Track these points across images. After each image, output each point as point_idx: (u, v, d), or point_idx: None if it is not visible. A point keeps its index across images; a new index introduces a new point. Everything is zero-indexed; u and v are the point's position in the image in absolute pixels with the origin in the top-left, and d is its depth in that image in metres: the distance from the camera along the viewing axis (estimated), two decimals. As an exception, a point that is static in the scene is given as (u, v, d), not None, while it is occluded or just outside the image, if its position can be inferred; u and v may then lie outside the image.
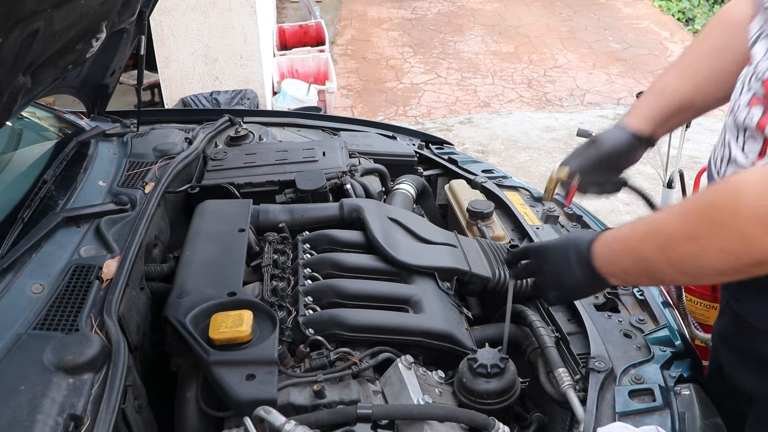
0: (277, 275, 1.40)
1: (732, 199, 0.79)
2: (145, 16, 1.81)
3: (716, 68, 1.17)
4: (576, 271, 1.05)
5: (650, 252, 0.92)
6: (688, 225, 0.85)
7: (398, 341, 1.29)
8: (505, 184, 2.00)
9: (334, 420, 1.06)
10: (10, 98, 1.07)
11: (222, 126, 2.24)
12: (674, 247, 0.88)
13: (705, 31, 1.23)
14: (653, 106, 1.24)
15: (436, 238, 1.58)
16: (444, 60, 6.60)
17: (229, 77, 5.00)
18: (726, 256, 0.82)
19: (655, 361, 1.24)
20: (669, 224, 0.89)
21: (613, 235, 1.01)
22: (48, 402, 0.98)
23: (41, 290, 1.22)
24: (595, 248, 1.03)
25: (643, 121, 1.24)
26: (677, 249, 0.87)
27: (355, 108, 5.64)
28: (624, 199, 3.98)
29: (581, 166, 1.26)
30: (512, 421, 1.24)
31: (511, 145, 4.84)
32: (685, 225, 0.86)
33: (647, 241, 0.93)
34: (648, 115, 1.24)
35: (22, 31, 0.96)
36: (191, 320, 1.20)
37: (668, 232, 0.89)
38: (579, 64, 6.36)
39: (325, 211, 1.66)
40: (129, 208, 1.54)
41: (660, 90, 1.25)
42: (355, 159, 2.01)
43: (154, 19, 4.59)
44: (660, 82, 1.26)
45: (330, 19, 7.67)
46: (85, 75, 1.91)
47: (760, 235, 0.76)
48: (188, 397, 1.16)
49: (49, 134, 1.89)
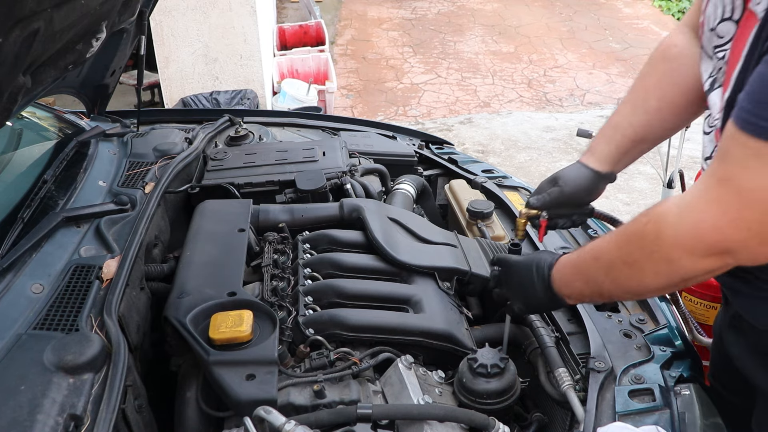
0: (277, 275, 1.40)
1: (656, 228, 0.90)
2: (145, 16, 1.81)
3: (663, 101, 1.24)
4: (538, 290, 1.14)
5: (597, 275, 1.03)
6: (623, 251, 0.97)
7: (398, 341, 1.29)
8: (505, 184, 2.00)
9: (334, 420, 1.06)
10: (10, 98, 1.07)
11: (222, 126, 2.24)
12: (615, 270, 0.99)
13: (648, 67, 1.28)
14: (611, 144, 1.30)
15: (436, 238, 1.58)
16: (444, 60, 6.60)
17: (229, 77, 4.99)
18: (658, 277, 0.93)
19: (655, 361, 1.24)
20: (609, 251, 1.00)
21: (567, 260, 1.11)
22: (48, 402, 0.98)
23: (41, 290, 1.22)
24: (554, 271, 1.12)
25: (602, 160, 1.31)
26: (618, 272, 0.98)
27: (355, 108, 5.64)
28: (624, 200, 3.99)
29: (545, 204, 1.34)
30: (512, 421, 1.24)
31: (511, 145, 4.85)
32: (621, 251, 0.97)
33: (593, 266, 1.04)
34: (606, 152, 1.30)
35: (22, 31, 0.96)
36: (191, 320, 1.20)
37: (609, 257, 1.00)
38: (579, 64, 6.37)
39: (325, 211, 1.66)
40: (129, 208, 1.54)
41: (614, 126, 1.30)
42: (355, 159, 2.01)
43: (154, 19, 4.59)
44: (614, 118, 1.32)
45: (330, 19, 7.67)
46: (85, 75, 1.91)
47: (681, 257, 0.88)
48: (188, 397, 1.16)
49: (49, 134, 1.89)
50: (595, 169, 1.30)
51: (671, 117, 1.25)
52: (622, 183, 4.17)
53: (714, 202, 0.84)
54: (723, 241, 0.84)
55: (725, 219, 0.82)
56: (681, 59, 1.20)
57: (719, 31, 0.99)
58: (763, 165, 0.78)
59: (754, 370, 1.10)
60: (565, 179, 1.32)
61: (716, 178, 0.84)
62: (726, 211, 0.82)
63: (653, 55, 1.28)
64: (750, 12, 0.90)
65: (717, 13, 0.99)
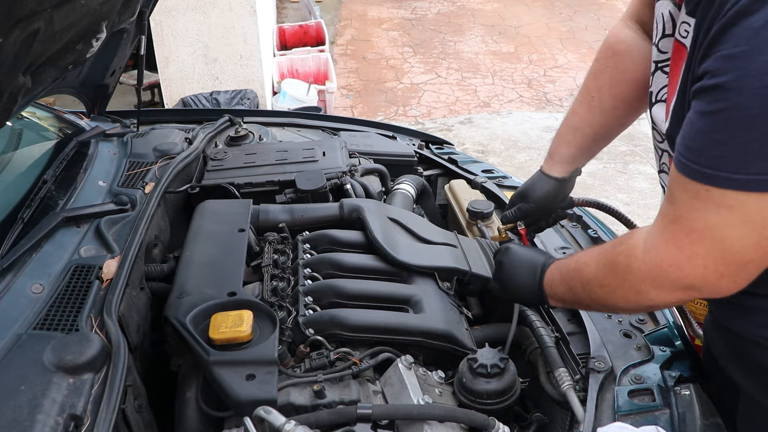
0: (277, 275, 1.40)
1: (626, 260, 0.96)
2: (145, 16, 1.81)
3: (618, 99, 1.27)
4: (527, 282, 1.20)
5: (576, 287, 1.09)
6: (600, 273, 1.03)
7: (398, 341, 1.29)
8: (505, 184, 2.00)
9: (334, 420, 1.06)
10: (10, 98, 1.07)
11: (222, 126, 2.24)
12: (591, 288, 1.05)
13: (597, 64, 1.30)
14: (571, 147, 1.34)
15: (436, 238, 1.58)
16: (444, 60, 6.60)
17: (229, 77, 4.99)
18: (628, 302, 1.00)
19: (655, 361, 1.24)
20: (588, 269, 1.06)
21: (557, 266, 1.17)
22: (48, 402, 0.98)
23: (41, 290, 1.22)
24: (546, 272, 1.17)
25: (564, 165, 1.36)
26: (593, 290, 1.05)
27: (355, 108, 5.64)
28: (624, 200, 3.99)
29: (517, 218, 1.40)
30: (512, 421, 1.24)
31: (511, 145, 4.85)
32: (598, 273, 1.03)
33: (574, 277, 1.10)
34: (568, 155, 1.35)
35: (22, 31, 0.96)
36: (191, 320, 1.20)
37: (587, 275, 1.06)
38: (579, 64, 6.36)
39: (325, 211, 1.66)
40: (129, 208, 1.54)
41: (573, 129, 1.34)
42: (355, 159, 2.01)
43: (154, 19, 4.59)
44: (571, 120, 1.34)
45: (330, 19, 7.67)
46: (85, 75, 1.91)
47: (649, 290, 0.94)
48: (188, 397, 1.16)
49: (49, 134, 1.89)
50: (558, 177, 1.35)
51: (627, 113, 1.28)
52: (622, 183, 4.17)
53: (670, 242, 0.88)
54: (684, 278, 0.88)
55: (682, 257, 0.87)
56: (630, 55, 1.23)
57: (661, 46, 1.01)
58: (705, 205, 0.81)
59: (734, 369, 1.11)
60: (531, 192, 1.37)
61: (669, 219, 0.89)
62: (682, 250, 0.87)
63: (601, 51, 1.30)
64: (677, 42, 0.92)
65: (658, 29, 1.01)
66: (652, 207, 3.85)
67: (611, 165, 4.40)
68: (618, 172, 4.31)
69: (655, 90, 1.05)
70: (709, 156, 0.79)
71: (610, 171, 4.33)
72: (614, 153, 4.53)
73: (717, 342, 1.17)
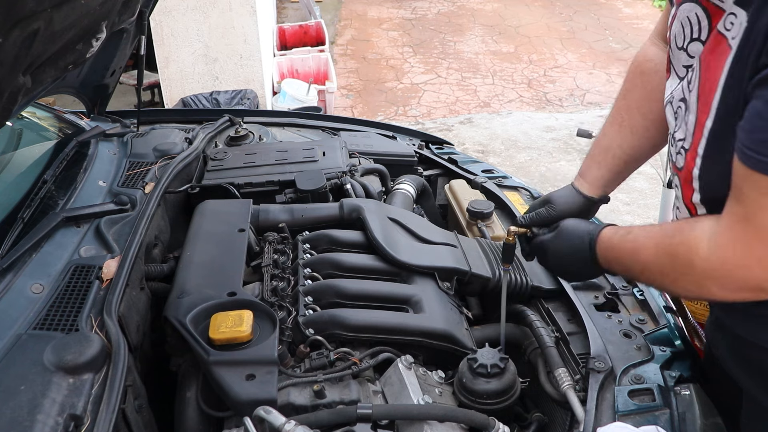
0: (277, 275, 1.40)
1: (687, 254, 0.92)
2: (145, 16, 1.81)
3: (648, 119, 1.23)
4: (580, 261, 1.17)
5: (633, 268, 1.08)
6: (658, 261, 1.00)
7: (398, 341, 1.29)
8: (505, 184, 2.00)
9: (334, 420, 1.06)
10: (10, 98, 1.07)
11: (222, 126, 2.24)
12: (649, 272, 1.04)
13: (628, 84, 1.28)
14: (602, 168, 1.31)
15: (436, 238, 1.58)
16: (444, 60, 6.60)
17: (229, 77, 5.00)
18: (688, 292, 1.00)
19: (655, 361, 1.24)
20: (647, 253, 1.03)
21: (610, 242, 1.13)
22: (48, 402, 0.98)
23: (41, 290, 1.22)
24: (598, 248, 1.14)
25: (595, 185, 1.32)
26: (651, 275, 1.04)
27: (355, 108, 5.64)
28: (624, 200, 3.99)
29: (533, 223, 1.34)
30: (512, 421, 1.24)
31: (511, 145, 4.85)
32: (657, 260, 1.00)
33: (631, 258, 1.07)
34: (599, 176, 1.31)
35: (22, 31, 0.96)
36: (191, 320, 1.20)
37: (645, 259, 1.03)
38: (579, 64, 6.36)
39: (325, 211, 1.66)
40: (129, 208, 1.54)
41: (605, 149, 1.30)
42: (355, 159, 2.01)
43: (154, 19, 4.59)
44: (602, 141, 1.31)
45: (330, 19, 7.67)
46: (85, 75, 1.91)
47: (711, 287, 0.91)
48: (188, 397, 1.16)
49: (49, 134, 1.89)
50: (588, 195, 1.31)
51: (658, 134, 1.24)
52: (622, 183, 4.17)
53: (738, 241, 0.84)
54: (753, 279, 0.85)
55: (752, 258, 0.83)
56: (659, 74, 1.19)
57: (690, 50, 0.99)
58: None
59: (737, 372, 1.10)
60: (557, 202, 1.32)
61: (736, 218, 0.85)
62: (750, 250, 0.83)
63: (630, 71, 1.28)
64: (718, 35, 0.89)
65: (686, 33, 0.99)
66: (652, 207, 3.85)
67: (611, 165, 4.40)
68: (618, 172, 4.31)
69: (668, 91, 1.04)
70: None
71: (610, 171, 4.32)
72: (614, 153, 4.53)
73: (719, 344, 1.16)
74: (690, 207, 1.01)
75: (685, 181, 0.99)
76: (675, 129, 1.03)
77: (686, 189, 1.00)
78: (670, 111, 1.05)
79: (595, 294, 1.44)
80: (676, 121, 1.03)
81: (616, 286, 1.45)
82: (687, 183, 0.99)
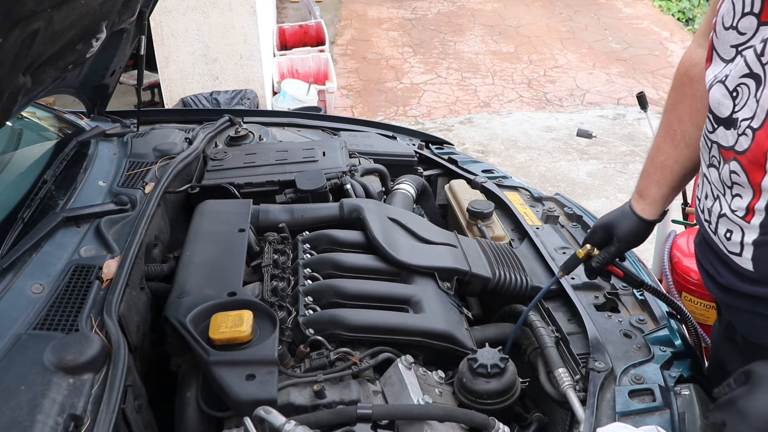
0: (277, 275, 1.40)
1: None
2: (145, 16, 1.81)
3: (700, 126, 1.17)
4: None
5: None
6: None
7: (398, 341, 1.29)
8: (505, 184, 2.00)
9: (334, 420, 1.06)
10: (10, 98, 1.07)
11: (222, 126, 2.24)
12: None
13: (675, 94, 1.23)
14: (663, 187, 1.27)
15: (436, 238, 1.58)
16: (444, 60, 6.59)
17: (229, 77, 4.99)
18: None
19: (655, 361, 1.24)
20: None
21: None
22: (48, 402, 0.98)
23: (41, 290, 1.22)
24: None
25: (655, 205, 1.28)
26: None
27: (355, 108, 5.64)
28: (624, 200, 3.97)
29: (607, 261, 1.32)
30: (512, 421, 1.24)
31: (511, 145, 4.84)
32: None
33: None
34: (660, 196, 1.27)
35: (22, 31, 0.96)
36: (191, 320, 1.20)
37: None
38: (579, 64, 6.36)
39: (325, 211, 1.66)
40: (129, 208, 1.54)
41: (661, 167, 1.26)
42: (355, 159, 2.01)
43: (154, 19, 4.59)
44: (657, 157, 1.27)
45: (330, 19, 7.67)
46: (85, 75, 1.91)
47: None
48: (188, 397, 1.16)
49: (49, 134, 1.89)
50: (649, 219, 1.28)
51: None
52: (622, 183, 4.17)
53: None
54: None
55: None
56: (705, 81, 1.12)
57: (741, 27, 0.94)
58: None
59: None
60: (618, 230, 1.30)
61: None
62: None
63: (676, 79, 1.23)
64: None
65: (736, 9, 0.94)
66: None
67: (611, 165, 4.40)
68: (618, 172, 4.31)
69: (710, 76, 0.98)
70: None
71: (610, 171, 4.33)
72: (614, 153, 4.53)
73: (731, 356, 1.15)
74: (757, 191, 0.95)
75: (753, 163, 0.93)
76: (735, 109, 0.96)
77: (755, 172, 0.93)
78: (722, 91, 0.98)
79: (595, 294, 1.44)
80: (736, 101, 0.95)
81: (616, 286, 1.45)
82: (756, 165, 0.93)
